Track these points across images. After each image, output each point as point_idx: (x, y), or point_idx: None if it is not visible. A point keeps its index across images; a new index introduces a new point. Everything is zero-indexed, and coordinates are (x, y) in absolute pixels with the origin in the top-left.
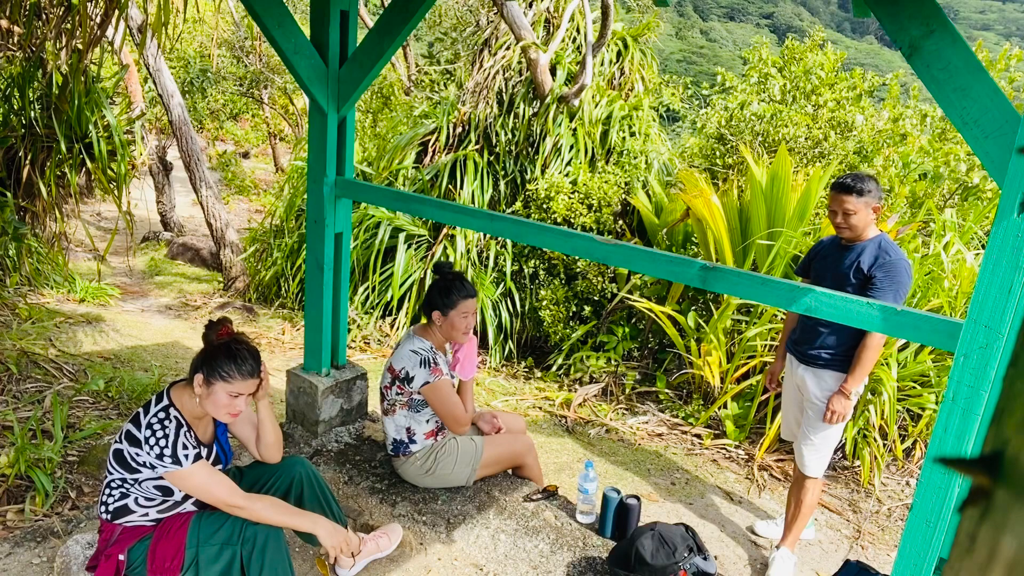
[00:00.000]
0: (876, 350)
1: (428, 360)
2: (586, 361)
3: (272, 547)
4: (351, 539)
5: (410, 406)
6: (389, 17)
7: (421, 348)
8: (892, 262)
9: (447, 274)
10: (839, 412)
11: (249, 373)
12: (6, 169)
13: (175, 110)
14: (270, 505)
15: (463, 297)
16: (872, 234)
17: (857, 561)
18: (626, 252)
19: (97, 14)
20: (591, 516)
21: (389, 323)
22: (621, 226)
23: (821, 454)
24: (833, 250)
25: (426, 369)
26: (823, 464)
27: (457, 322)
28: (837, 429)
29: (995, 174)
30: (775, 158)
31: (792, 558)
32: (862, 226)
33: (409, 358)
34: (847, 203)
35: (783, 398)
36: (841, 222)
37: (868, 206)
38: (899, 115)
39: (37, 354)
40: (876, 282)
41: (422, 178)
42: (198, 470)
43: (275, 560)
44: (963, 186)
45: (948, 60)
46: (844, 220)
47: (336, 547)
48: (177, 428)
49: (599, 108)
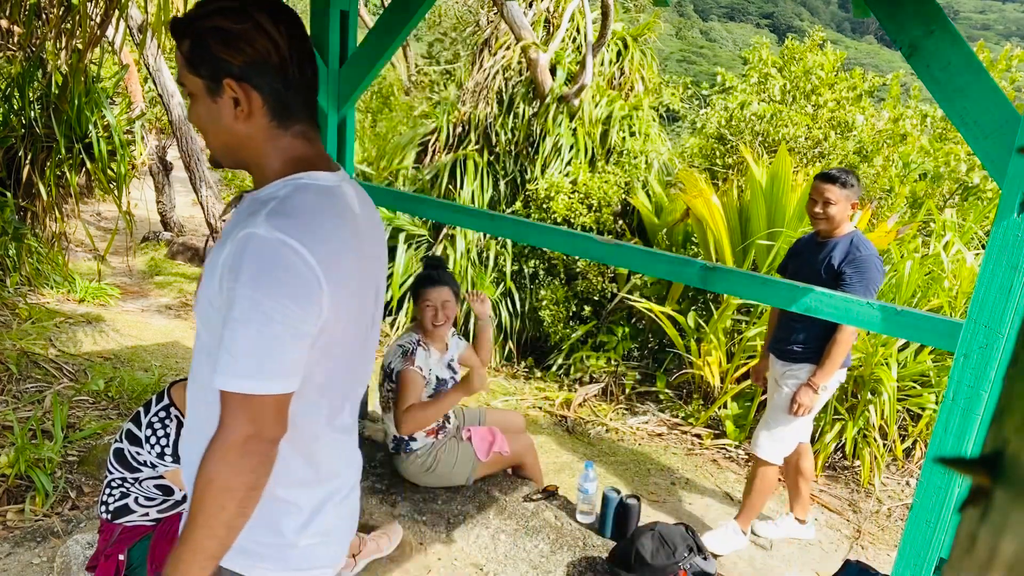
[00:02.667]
0: (845, 344)
1: (408, 351)
2: (586, 361)
3: None
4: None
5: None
6: (389, 17)
7: (407, 341)
8: (862, 258)
9: (425, 265)
10: (805, 405)
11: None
12: (6, 169)
13: (175, 110)
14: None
15: (426, 287)
16: (846, 230)
17: (857, 561)
18: (626, 252)
19: (97, 14)
20: (591, 516)
21: (389, 323)
22: (621, 226)
23: (777, 441)
24: (808, 247)
25: (402, 359)
26: (779, 452)
27: (424, 311)
28: (800, 421)
29: (995, 174)
30: (775, 158)
31: (740, 536)
32: (839, 218)
33: (394, 351)
34: (829, 192)
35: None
36: (820, 211)
37: (848, 200)
38: (899, 115)
39: (37, 354)
40: (846, 278)
41: (422, 178)
42: None
43: None
44: (963, 186)
45: (948, 60)
46: (823, 209)
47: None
48: (178, 427)
49: (599, 108)
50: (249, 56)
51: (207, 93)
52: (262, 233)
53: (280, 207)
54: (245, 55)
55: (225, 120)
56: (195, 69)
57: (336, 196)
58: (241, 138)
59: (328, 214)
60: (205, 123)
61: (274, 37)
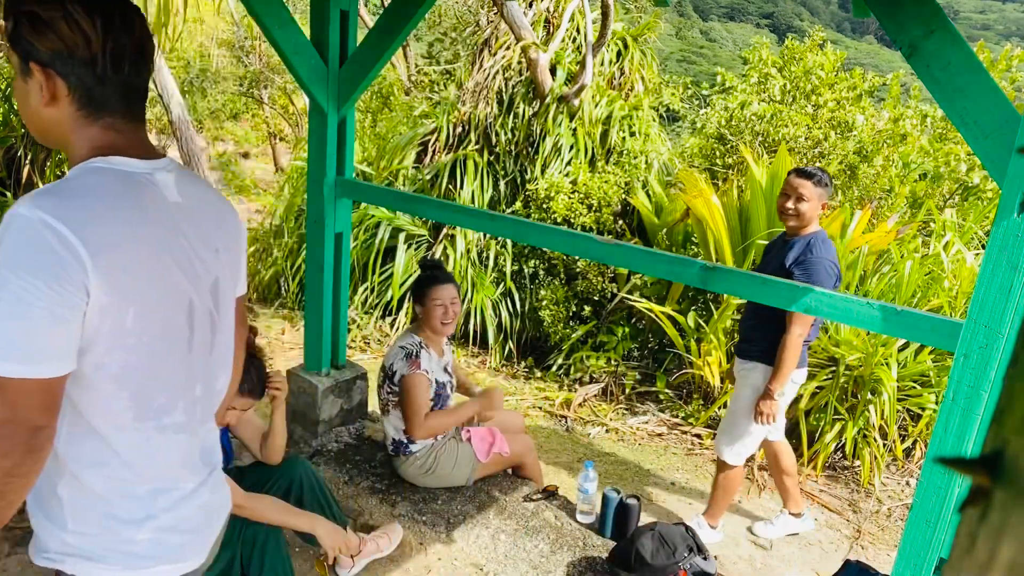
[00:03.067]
0: (794, 349)
1: (412, 354)
2: (586, 361)
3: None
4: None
5: (401, 405)
6: (389, 17)
7: (409, 343)
8: (813, 260)
9: (424, 267)
10: (767, 413)
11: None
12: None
13: (175, 110)
14: (270, 504)
15: (433, 285)
16: (812, 229)
17: (857, 561)
18: (626, 252)
19: None
20: (591, 516)
21: (389, 323)
22: (621, 226)
23: (738, 444)
24: (776, 248)
25: (406, 362)
26: (741, 454)
27: (433, 311)
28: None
29: (995, 174)
30: (775, 158)
31: (709, 531)
32: (810, 216)
33: (396, 353)
34: (803, 187)
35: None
36: (791, 207)
37: (820, 198)
38: (899, 115)
39: None
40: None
41: (422, 178)
42: None
43: (275, 560)
44: (963, 186)
45: (948, 60)
46: (795, 205)
47: (335, 547)
48: None
49: (599, 108)
50: (55, 45)
51: (20, 73)
52: (23, 212)
53: (55, 187)
54: (51, 43)
55: (33, 102)
56: (12, 48)
57: (140, 183)
58: (47, 122)
59: (115, 197)
60: (19, 101)
61: (85, 30)
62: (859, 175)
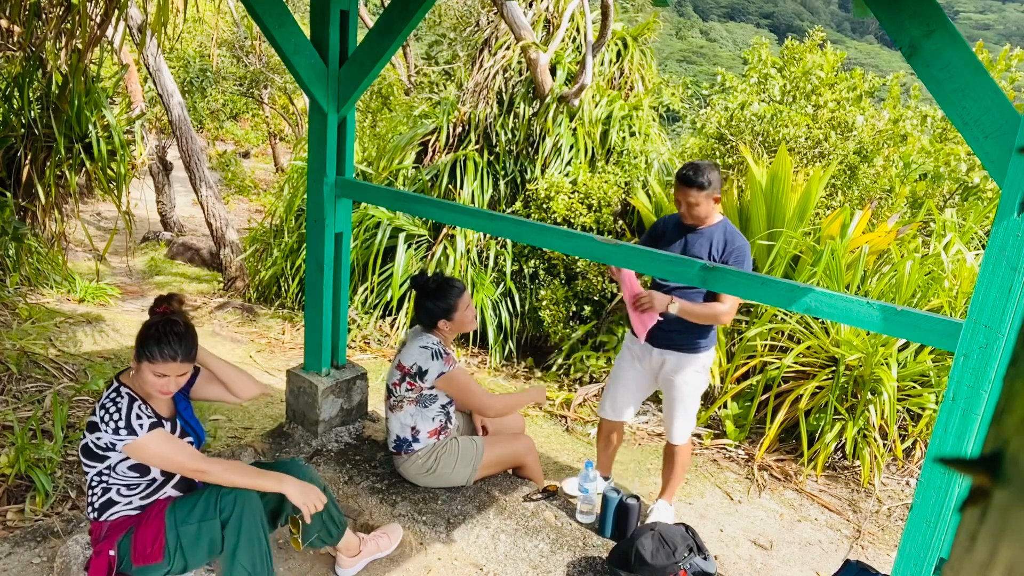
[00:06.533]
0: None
1: (440, 352)
2: (586, 361)
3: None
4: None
5: (419, 402)
6: (389, 17)
7: (431, 343)
8: (739, 248)
9: (430, 281)
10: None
11: (171, 357)
12: (6, 169)
13: (175, 110)
14: (233, 466)
15: (458, 295)
16: (716, 219)
17: (857, 561)
18: (626, 252)
19: (97, 14)
20: (591, 516)
21: (389, 323)
22: (621, 226)
23: (687, 425)
24: (678, 231)
25: (439, 360)
26: (689, 432)
27: (466, 318)
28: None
29: (995, 174)
30: (775, 158)
31: (670, 508)
32: (704, 215)
33: (420, 353)
34: (690, 196)
35: (620, 378)
36: (685, 212)
37: (709, 198)
38: (899, 116)
39: (37, 354)
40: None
41: (422, 178)
42: (155, 437)
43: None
44: (963, 186)
45: (948, 60)
46: (688, 211)
47: (307, 504)
48: (130, 402)
49: (599, 108)
50: None
51: None
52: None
53: None
54: None
55: None
56: None
57: None
58: None
59: None
60: None
61: None
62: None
